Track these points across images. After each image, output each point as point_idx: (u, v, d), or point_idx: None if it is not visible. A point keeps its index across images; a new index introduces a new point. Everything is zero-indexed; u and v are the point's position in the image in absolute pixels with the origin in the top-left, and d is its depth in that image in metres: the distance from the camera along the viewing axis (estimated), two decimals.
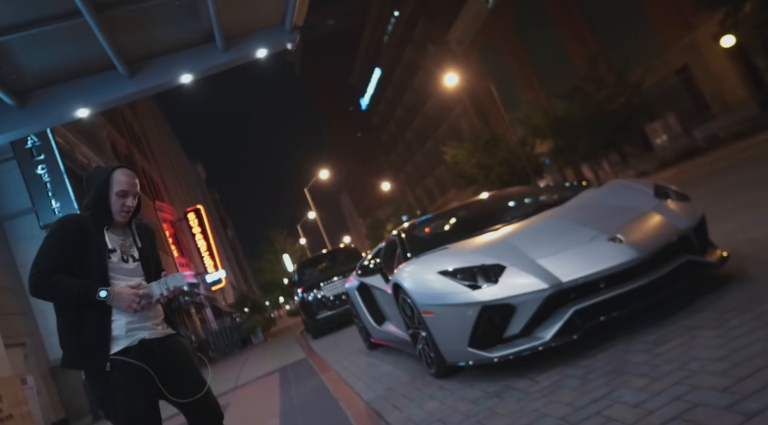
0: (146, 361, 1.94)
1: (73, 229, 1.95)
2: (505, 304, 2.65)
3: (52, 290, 1.88)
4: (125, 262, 2.06)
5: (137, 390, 1.89)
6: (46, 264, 1.89)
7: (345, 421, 3.14)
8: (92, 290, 1.88)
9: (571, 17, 31.24)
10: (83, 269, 1.93)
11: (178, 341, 2.14)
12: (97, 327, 1.91)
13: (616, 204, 3.11)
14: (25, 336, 10.53)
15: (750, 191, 5.86)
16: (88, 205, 2.06)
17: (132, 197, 2.07)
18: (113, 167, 2.11)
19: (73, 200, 11.94)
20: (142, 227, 2.23)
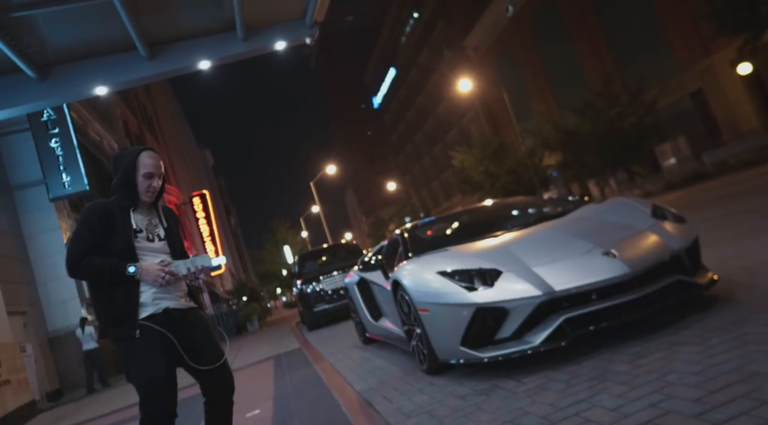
0: (168, 329, 2.09)
1: (99, 214, 2.10)
2: (498, 307, 2.77)
3: (85, 272, 2.05)
4: (151, 241, 2.20)
5: (157, 354, 2.03)
6: (78, 249, 2.06)
7: (337, 408, 3.26)
8: (122, 267, 2.04)
9: (589, 32, 31.27)
10: (112, 250, 2.08)
11: (199, 314, 2.28)
12: (127, 299, 2.06)
13: (613, 220, 3.22)
14: (27, 304, 10.70)
15: (751, 219, 5.95)
16: (116, 187, 2.19)
17: (157, 178, 2.21)
18: (139, 150, 2.24)
19: (83, 175, 12.11)
20: (168, 211, 2.37)
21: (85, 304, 11.73)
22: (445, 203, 56.06)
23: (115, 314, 2.06)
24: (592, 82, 29.94)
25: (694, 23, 23.11)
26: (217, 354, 2.20)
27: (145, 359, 2.02)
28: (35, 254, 11.65)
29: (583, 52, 32.23)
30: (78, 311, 11.51)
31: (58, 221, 12.08)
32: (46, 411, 8.65)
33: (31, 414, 7.92)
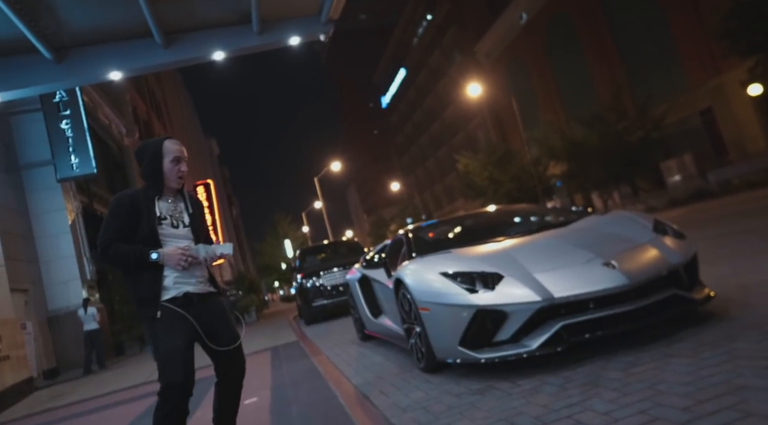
0: (188, 310, 2.23)
1: (125, 204, 2.25)
2: (498, 310, 2.84)
3: (114, 258, 2.21)
4: (175, 227, 2.33)
5: (176, 331, 2.17)
6: (107, 237, 2.22)
7: (334, 400, 3.34)
8: (145, 254, 2.19)
9: (602, 44, 31.30)
10: (139, 237, 2.23)
11: (217, 299, 2.42)
12: (151, 283, 2.22)
13: (615, 232, 3.29)
14: (29, 283, 10.80)
15: (751, 240, 6.01)
16: (146, 175, 2.32)
17: (184, 163, 2.35)
18: (162, 139, 2.38)
19: (91, 157, 12.20)
20: (193, 199, 2.49)
21: (86, 285, 11.84)
22: (447, 206, 56.11)
23: (141, 296, 2.22)
24: (601, 94, 29.98)
25: (707, 42, 23.14)
26: (233, 337, 2.34)
27: (164, 334, 2.16)
28: (40, 233, 11.75)
29: (594, 64, 32.26)
30: (79, 293, 11.61)
31: (64, 202, 12.17)
32: (42, 388, 8.75)
33: (28, 391, 8.02)
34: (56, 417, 5.67)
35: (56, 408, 6.45)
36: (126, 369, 9.20)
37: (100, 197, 15.62)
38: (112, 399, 6.05)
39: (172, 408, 2.11)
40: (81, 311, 10.17)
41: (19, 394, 7.64)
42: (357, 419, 2.79)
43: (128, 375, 8.16)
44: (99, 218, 14.41)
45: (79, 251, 12.20)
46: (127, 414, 4.66)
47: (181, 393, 2.11)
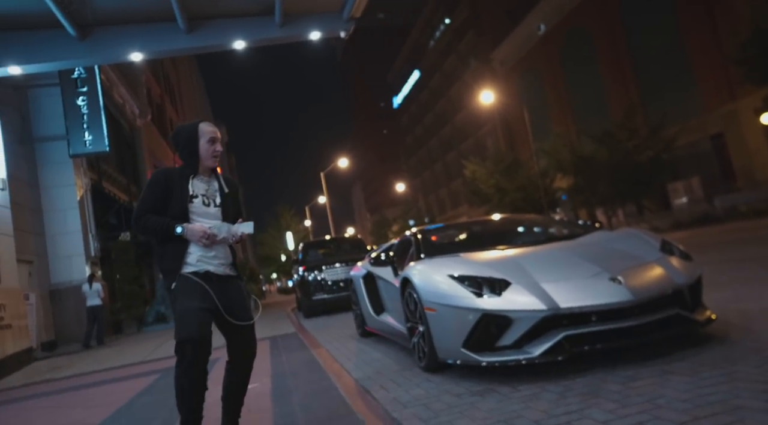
0: (206, 284, 2.35)
1: (160, 180, 2.40)
2: (504, 316, 2.91)
3: (144, 228, 2.36)
4: (207, 206, 2.44)
5: (194, 296, 2.28)
6: (141, 209, 2.38)
7: (334, 391, 3.40)
8: (171, 227, 2.33)
9: (618, 60, 31.31)
10: (170, 212, 2.37)
11: (236, 282, 2.53)
12: (174, 256, 2.36)
13: (622, 249, 3.35)
14: (34, 255, 10.91)
15: (753, 268, 6.06)
16: (183, 156, 2.46)
17: (219, 143, 2.46)
18: (197, 122, 2.50)
19: (105, 135, 12.30)
20: (230, 181, 2.60)
21: (89, 262, 11.94)
22: (450, 211, 56.14)
23: (165, 267, 2.38)
24: (614, 110, 29.99)
25: (724, 67, 23.14)
26: (248, 317, 2.44)
27: (182, 297, 2.29)
28: (48, 206, 11.86)
29: (609, 79, 32.28)
30: (82, 268, 11.72)
31: (75, 178, 12.28)
32: (41, 360, 8.85)
33: (27, 361, 8.12)
34: (55, 389, 5.76)
35: (55, 379, 6.54)
36: (123, 348, 9.30)
37: (109, 176, 15.74)
38: (110, 374, 6.14)
39: (189, 363, 2.19)
40: (86, 286, 10.28)
41: (19, 363, 7.74)
42: (358, 411, 2.85)
43: (126, 353, 8.25)
44: (107, 196, 14.53)
45: (86, 228, 12.31)
46: (127, 390, 4.74)
47: (195, 347, 2.18)
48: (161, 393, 4.40)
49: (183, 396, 2.25)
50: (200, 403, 2.28)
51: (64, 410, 4.38)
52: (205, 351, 2.22)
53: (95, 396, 4.81)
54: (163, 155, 24.87)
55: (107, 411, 3.93)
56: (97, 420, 3.69)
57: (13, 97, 11.47)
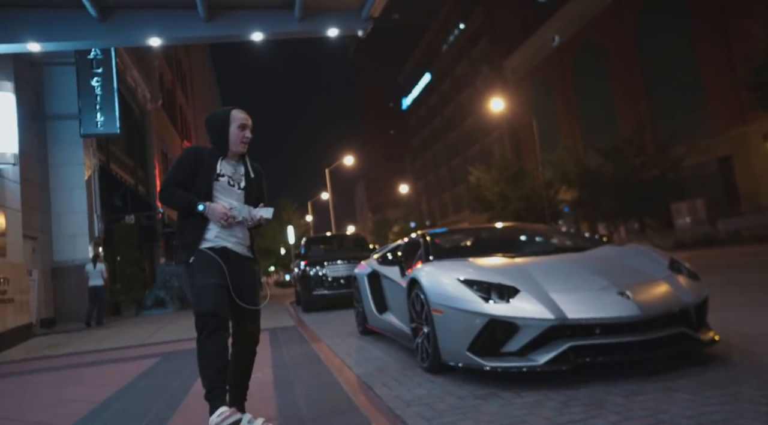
0: (222, 261, 2.44)
1: (190, 156, 2.53)
2: (510, 322, 2.94)
3: (168, 200, 2.47)
4: (231, 186, 2.55)
5: (211, 271, 2.38)
6: (168, 182, 2.50)
7: (336, 385, 3.44)
8: (194, 203, 2.43)
9: (630, 76, 31.32)
10: (195, 188, 2.48)
11: (251, 265, 2.61)
12: (194, 230, 2.48)
13: (631, 265, 3.39)
14: (39, 231, 10.96)
15: (755, 292, 6.09)
16: (213, 139, 2.57)
17: (249, 130, 2.57)
18: (230, 108, 2.60)
19: (117, 117, 12.35)
20: (257, 168, 2.69)
21: (93, 242, 11.99)
22: (452, 215, 56.16)
23: (184, 241, 2.49)
24: (623, 126, 30.01)
25: (736, 90, 23.14)
26: (255, 303, 2.53)
27: (200, 272, 2.38)
28: (56, 184, 11.91)
29: (620, 95, 32.28)
30: (85, 248, 11.77)
31: (84, 158, 12.33)
32: (39, 336, 8.90)
33: (26, 336, 8.17)
34: (55, 365, 5.80)
35: (54, 356, 6.59)
36: (122, 330, 9.35)
37: (117, 158, 15.79)
38: (110, 355, 6.18)
39: (209, 333, 2.29)
40: (89, 266, 10.35)
41: (19, 338, 7.79)
42: (362, 407, 2.89)
43: (125, 335, 8.30)
44: (114, 178, 14.58)
45: (91, 207, 12.36)
46: (128, 372, 4.78)
47: (213, 319, 2.29)
48: (162, 376, 4.44)
49: (206, 364, 2.31)
50: (223, 372, 2.34)
51: (65, 386, 4.42)
52: (224, 323, 2.32)
53: (96, 375, 4.85)
54: (171, 140, 24.93)
55: (109, 391, 3.97)
56: (101, 397, 3.73)
57: (29, 73, 11.53)
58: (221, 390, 2.31)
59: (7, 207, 8.34)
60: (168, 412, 3.18)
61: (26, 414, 3.48)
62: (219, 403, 2.28)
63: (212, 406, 2.30)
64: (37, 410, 3.59)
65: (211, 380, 2.30)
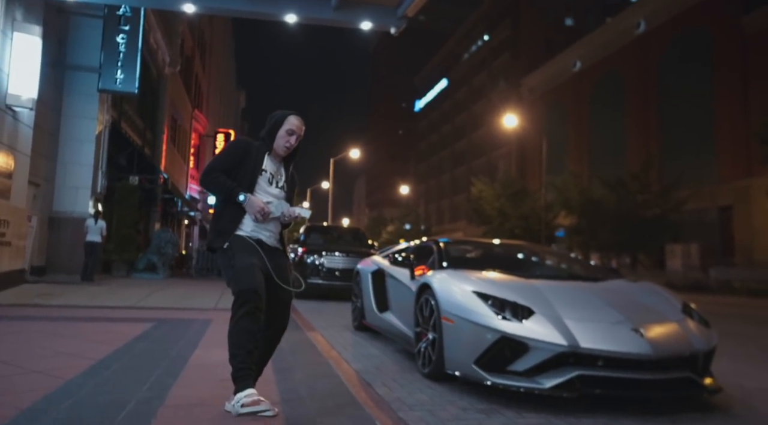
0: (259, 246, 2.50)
1: (240, 146, 2.62)
2: (522, 342, 2.97)
3: (211, 183, 2.51)
4: (271, 184, 2.63)
5: (249, 254, 2.44)
6: (214, 166, 2.56)
7: (336, 378, 3.44)
8: (235, 192, 2.48)
9: (645, 112, 31.47)
10: (239, 177, 2.54)
11: (283, 255, 2.68)
12: (233, 217, 2.53)
13: (645, 302, 3.42)
14: (42, 179, 10.89)
15: (749, 346, 6.14)
16: (263, 134, 2.67)
17: (296, 138, 2.64)
18: (290, 112, 2.69)
19: (136, 77, 12.29)
20: (293, 175, 2.80)
21: (94, 197, 11.94)
22: (448, 223, 56.25)
23: (221, 227, 2.53)
24: (631, 160, 30.18)
25: (747, 142, 23.31)
26: (287, 291, 2.58)
27: (240, 254, 2.42)
28: (66, 135, 11.83)
29: (632, 129, 32.44)
30: (86, 202, 11.71)
31: (98, 112, 12.26)
32: (30, 283, 8.86)
33: (18, 281, 8.13)
34: (47, 315, 5.78)
35: (46, 306, 6.56)
36: (113, 289, 9.31)
37: (128, 117, 15.71)
38: (102, 313, 6.16)
39: (247, 311, 2.32)
40: (90, 221, 10.33)
41: (10, 282, 7.75)
42: (364, 404, 2.90)
43: (117, 295, 8.27)
44: (123, 136, 14.51)
45: (97, 163, 12.30)
46: (123, 332, 4.77)
47: (254, 297, 2.33)
48: (159, 342, 4.44)
49: (239, 342, 2.34)
50: (253, 354, 2.39)
51: (61, 339, 4.41)
52: (261, 303, 2.36)
53: (91, 332, 4.84)
54: (183, 107, 24.82)
55: (107, 349, 3.96)
56: (99, 355, 3.73)
57: (55, 20, 11.43)
58: (250, 371, 2.37)
59: (17, 151, 8.29)
60: (168, 380, 3.18)
61: (24, 362, 3.47)
62: (249, 383, 2.35)
63: (240, 386, 2.34)
64: (34, 359, 3.58)
65: (242, 360, 2.34)
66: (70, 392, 2.84)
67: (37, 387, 2.84)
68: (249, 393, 2.32)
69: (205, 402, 2.61)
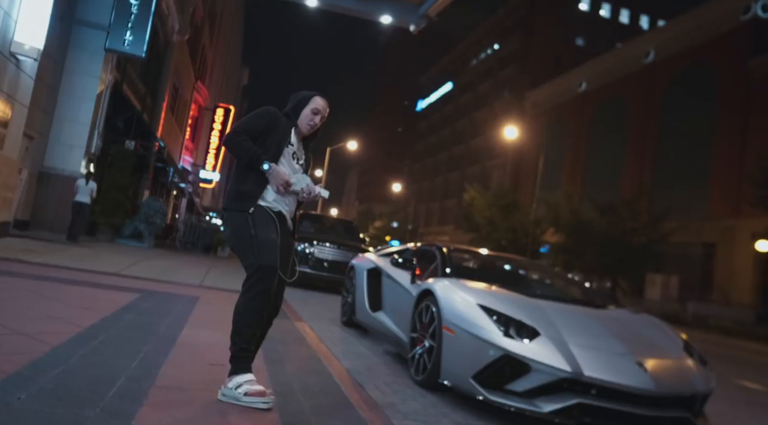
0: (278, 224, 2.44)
1: (271, 115, 2.52)
2: (524, 363, 2.92)
3: (234, 145, 2.40)
4: (294, 159, 2.55)
5: (271, 228, 2.38)
6: (241, 128, 2.46)
7: (328, 376, 3.38)
8: (261, 160, 2.38)
9: (644, 140, 31.77)
10: (265, 145, 2.45)
11: (292, 237, 2.61)
12: (257, 183, 2.43)
13: (648, 336, 3.40)
14: (37, 132, 10.63)
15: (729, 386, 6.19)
16: (287, 111, 2.60)
17: (320, 118, 2.60)
18: (315, 93, 2.65)
19: (145, 41, 12.05)
20: (310, 156, 2.73)
21: (87, 157, 11.69)
22: (436, 226, 56.35)
23: (244, 190, 2.42)
24: (624, 185, 30.48)
25: (739, 183, 23.66)
26: (292, 273, 2.52)
27: (262, 227, 2.34)
28: (67, 91, 11.55)
29: (629, 155, 32.73)
30: (78, 161, 11.46)
31: (101, 72, 11.99)
32: (13, 237, 8.64)
33: (2, 234, 7.92)
34: (31, 273, 5.62)
35: (29, 262, 6.39)
36: (98, 253, 9.12)
37: (131, 80, 15.41)
38: (86, 277, 6.01)
39: (262, 289, 2.26)
40: (82, 181, 10.10)
41: None
42: (357, 406, 2.84)
43: (101, 260, 8.10)
44: (124, 99, 14.23)
45: (95, 123, 12.03)
46: (109, 301, 4.65)
47: (273, 275, 2.28)
48: (146, 315, 4.33)
49: (248, 322, 2.30)
50: (256, 335, 2.38)
51: (45, 300, 4.28)
52: (276, 281, 2.31)
53: (76, 296, 4.71)
54: (186, 77, 24.46)
55: (93, 317, 3.85)
56: (86, 323, 3.61)
57: None
58: (252, 354, 2.31)
59: (16, 100, 8.05)
60: (158, 358, 3.09)
61: (9, 322, 3.35)
62: (249, 366, 2.30)
63: (239, 367, 2.29)
64: (19, 320, 3.46)
65: (247, 340, 2.30)
66: (57, 360, 2.73)
67: (23, 350, 2.73)
68: (250, 379, 2.26)
69: (196, 385, 2.53)
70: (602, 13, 50.14)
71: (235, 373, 2.30)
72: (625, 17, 50.52)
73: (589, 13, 49.45)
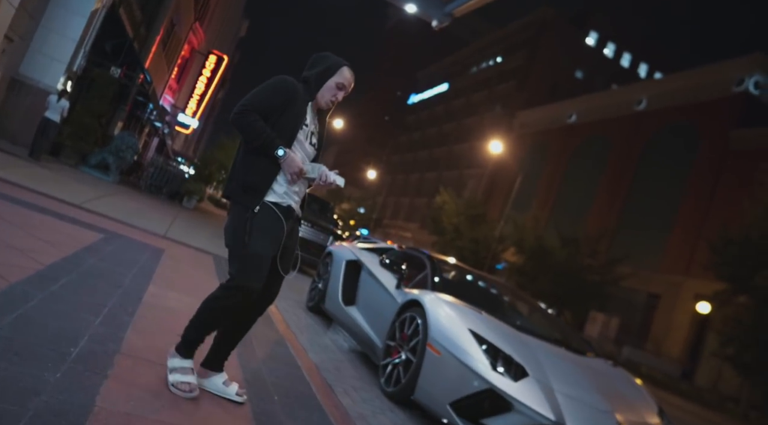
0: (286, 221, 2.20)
1: (288, 90, 2.17)
2: (508, 401, 2.83)
3: (246, 126, 2.10)
4: (306, 139, 2.28)
5: (273, 236, 2.14)
6: (251, 105, 2.11)
7: (297, 370, 3.20)
8: (275, 144, 2.09)
9: (618, 184, 32.57)
10: (278, 126, 2.15)
11: (297, 227, 2.37)
12: (266, 173, 2.15)
13: (626, 394, 3.37)
14: (18, 36, 9.88)
15: None
16: (307, 78, 2.26)
17: (343, 94, 2.30)
18: (344, 62, 2.32)
19: None
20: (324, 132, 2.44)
21: (67, 74, 10.97)
22: (401, 221, 56.47)
23: (250, 182, 2.13)
24: (591, 221, 31.21)
25: (696, 244, 24.56)
26: (287, 269, 2.29)
27: (261, 233, 2.10)
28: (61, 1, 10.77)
29: (602, 194, 33.54)
30: (57, 76, 10.74)
31: None
32: None
33: None
34: None
35: None
36: (61, 177, 8.56)
37: (128, 5, 14.56)
38: (48, 204, 5.58)
39: (238, 304, 2.08)
40: (54, 97, 9.41)
41: None
42: (328, 411, 2.68)
43: (64, 186, 7.60)
44: (118, 23, 13.46)
45: (83, 41, 11.29)
46: (70, 237, 4.31)
47: (247, 297, 2.09)
48: (110, 260, 4.05)
49: (211, 323, 2.16)
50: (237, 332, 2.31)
51: (4, 224, 3.92)
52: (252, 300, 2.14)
53: (37, 225, 4.34)
54: (185, 15, 23.41)
55: (54, 254, 3.54)
56: (46, 259, 3.31)
57: None
58: (198, 345, 2.19)
59: None
60: (123, 318, 2.85)
61: None
62: (191, 354, 2.19)
63: (185, 352, 2.16)
64: None
65: (200, 336, 2.17)
66: (14, 301, 2.46)
67: None
68: (187, 366, 2.16)
69: (163, 359, 2.31)
70: (606, 52, 51.00)
71: (178, 352, 2.17)
72: (626, 61, 51.57)
73: (594, 49, 50.20)
